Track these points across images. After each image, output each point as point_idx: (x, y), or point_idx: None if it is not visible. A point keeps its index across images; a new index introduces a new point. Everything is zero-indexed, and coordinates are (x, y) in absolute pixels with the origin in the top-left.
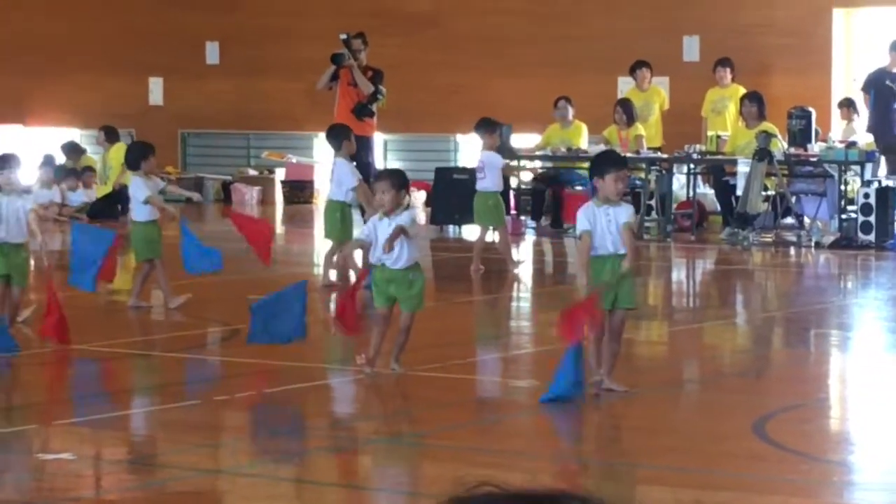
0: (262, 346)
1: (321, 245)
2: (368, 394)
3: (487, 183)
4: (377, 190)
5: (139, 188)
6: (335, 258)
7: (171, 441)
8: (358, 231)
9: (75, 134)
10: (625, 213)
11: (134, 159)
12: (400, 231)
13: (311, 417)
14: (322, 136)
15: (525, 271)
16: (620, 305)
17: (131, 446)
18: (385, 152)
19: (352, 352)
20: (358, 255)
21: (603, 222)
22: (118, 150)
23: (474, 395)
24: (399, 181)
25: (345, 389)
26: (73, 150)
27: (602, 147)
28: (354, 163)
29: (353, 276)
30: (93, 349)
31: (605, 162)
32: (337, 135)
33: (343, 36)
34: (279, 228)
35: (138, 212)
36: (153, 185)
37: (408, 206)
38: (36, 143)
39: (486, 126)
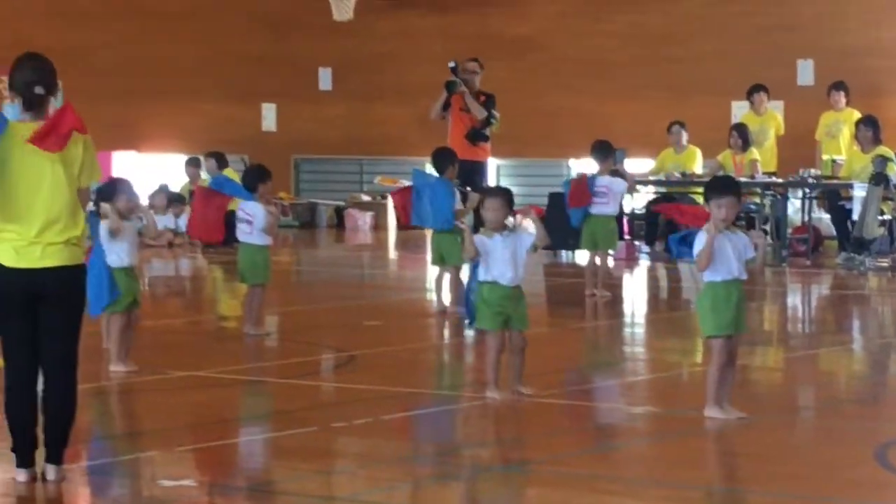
0: (377, 372)
1: (433, 271)
2: (484, 420)
3: (608, 208)
4: (488, 208)
5: (259, 212)
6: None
7: (289, 468)
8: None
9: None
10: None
11: (251, 182)
12: (534, 247)
13: (429, 444)
14: None
15: (640, 297)
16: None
17: (250, 473)
18: (497, 177)
19: (465, 378)
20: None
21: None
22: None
23: (592, 422)
24: (509, 199)
25: (461, 416)
26: (196, 164)
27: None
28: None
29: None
30: (208, 375)
31: (720, 187)
32: (444, 159)
33: (451, 64)
34: (392, 254)
35: (253, 236)
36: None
37: (514, 227)
38: (149, 170)
39: (603, 150)
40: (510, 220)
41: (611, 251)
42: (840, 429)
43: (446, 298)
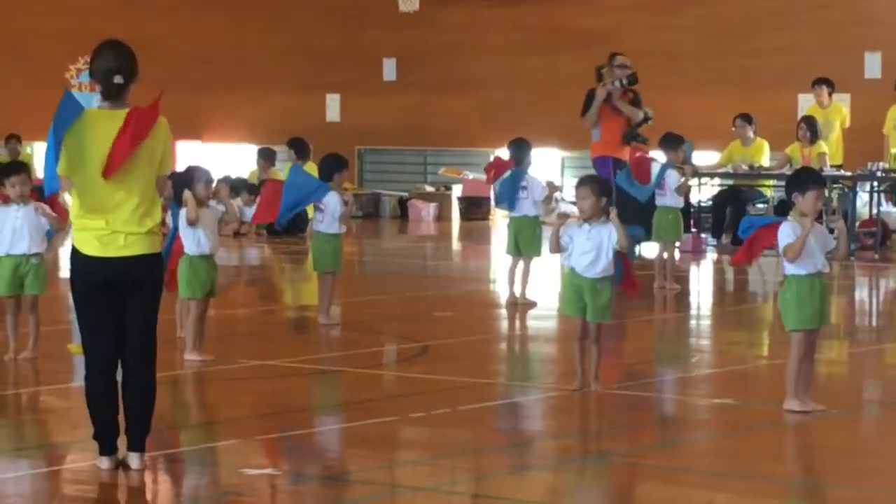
0: (452, 363)
1: (497, 261)
2: (562, 412)
3: (668, 199)
4: (578, 196)
5: (332, 201)
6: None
7: (369, 458)
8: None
9: (251, 150)
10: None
11: (327, 171)
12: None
13: (508, 435)
14: (499, 152)
15: (706, 289)
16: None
17: (331, 462)
18: (562, 169)
19: (542, 369)
20: None
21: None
22: (310, 169)
23: (670, 414)
24: (601, 188)
25: (538, 407)
26: (268, 156)
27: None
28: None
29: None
30: (282, 364)
31: (806, 179)
32: (523, 147)
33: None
34: (455, 245)
35: (324, 224)
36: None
37: (608, 216)
38: (213, 159)
39: (671, 141)
40: (557, 196)
41: (676, 243)
42: None
43: (517, 289)
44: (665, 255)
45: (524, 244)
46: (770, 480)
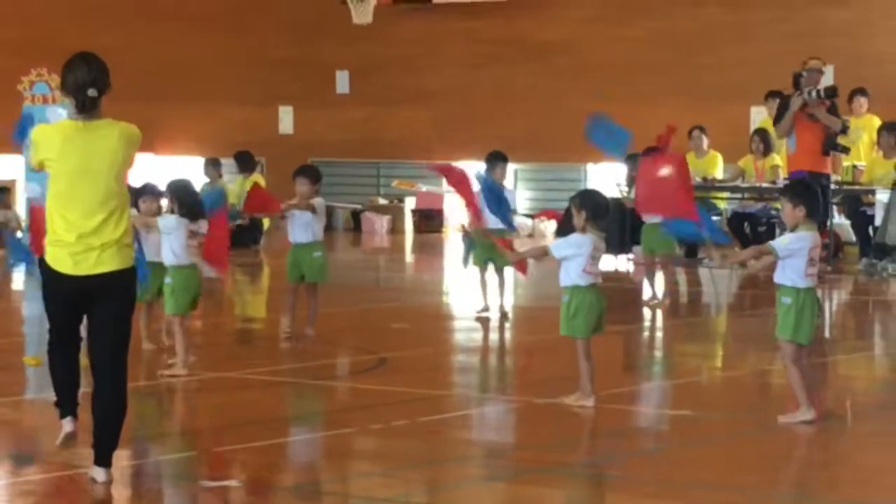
0: (409, 375)
1: (449, 275)
2: (519, 423)
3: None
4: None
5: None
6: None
7: (328, 469)
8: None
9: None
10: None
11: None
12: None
13: (468, 446)
14: (453, 164)
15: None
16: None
17: (293, 473)
18: (515, 181)
19: (500, 381)
20: None
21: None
22: (258, 181)
23: (632, 425)
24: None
25: (497, 419)
26: (213, 165)
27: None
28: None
29: None
30: (242, 377)
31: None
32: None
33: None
34: (409, 257)
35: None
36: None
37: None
38: (166, 172)
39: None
40: (529, 223)
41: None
42: (879, 433)
43: (492, 300)
44: (659, 268)
45: (497, 255)
46: (729, 490)
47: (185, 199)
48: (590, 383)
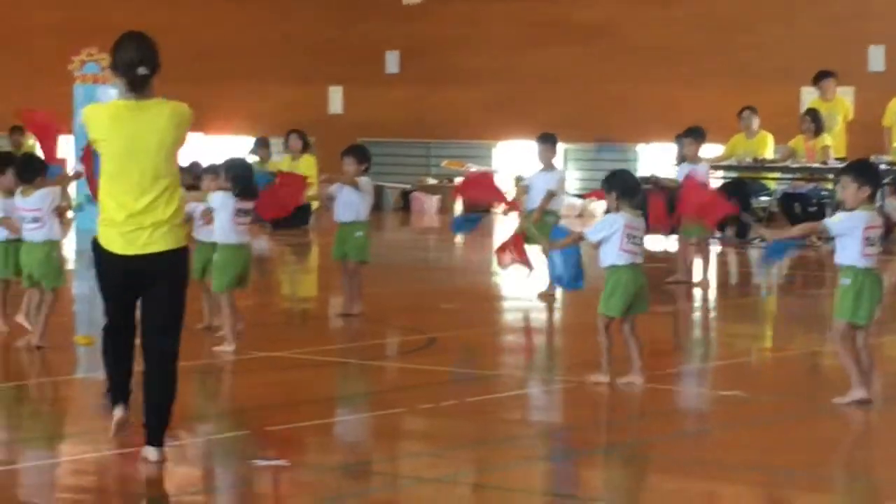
0: (459, 355)
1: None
2: (569, 404)
3: None
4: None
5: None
6: None
7: (381, 449)
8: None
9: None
10: None
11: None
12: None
13: (515, 427)
14: (501, 144)
15: (710, 282)
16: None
17: (343, 453)
18: (565, 161)
19: (550, 361)
20: None
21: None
22: (308, 163)
23: (681, 405)
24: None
25: (546, 399)
26: (263, 144)
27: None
28: None
29: None
30: (293, 356)
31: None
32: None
33: None
34: (458, 238)
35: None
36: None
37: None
38: (215, 152)
39: (695, 134)
40: (579, 204)
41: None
42: None
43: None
44: (694, 250)
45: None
46: (778, 472)
47: (239, 178)
48: (608, 360)
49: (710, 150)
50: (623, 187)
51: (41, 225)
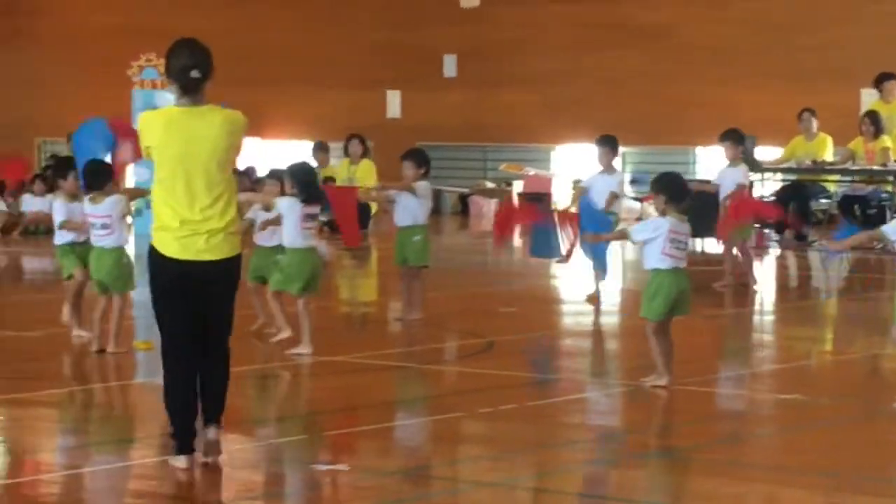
0: (518, 358)
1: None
2: (628, 407)
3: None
4: None
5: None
6: None
7: (440, 453)
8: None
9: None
10: None
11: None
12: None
13: (574, 431)
14: (559, 148)
15: (768, 285)
16: None
17: (402, 457)
18: (623, 164)
19: (609, 365)
20: None
21: None
22: (367, 167)
23: (735, 409)
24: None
25: (605, 403)
26: (321, 148)
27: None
28: None
29: None
30: (352, 361)
31: None
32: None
33: None
34: (517, 240)
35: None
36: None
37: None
38: (273, 156)
39: (733, 137)
40: (638, 206)
41: (746, 239)
42: None
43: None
44: (735, 252)
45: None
46: (839, 476)
47: (304, 183)
48: (664, 362)
49: (770, 152)
50: (671, 191)
51: (111, 231)
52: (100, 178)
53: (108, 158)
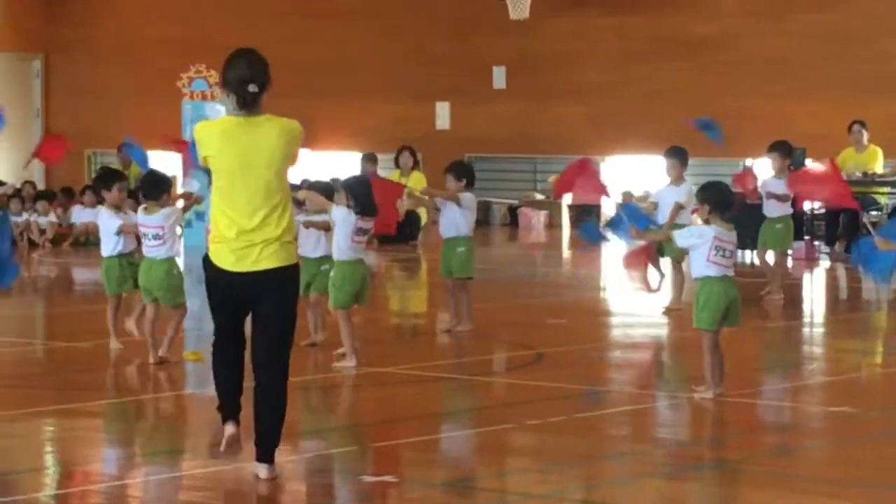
0: (566, 370)
1: (608, 269)
2: (677, 420)
3: (770, 208)
4: None
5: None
6: None
7: (488, 465)
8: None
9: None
10: None
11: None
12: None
13: (623, 443)
14: (609, 160)
15: (818, 298)
16: None
17: (450, 469)
18: None
19: (657, 377)
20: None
21: None
22: (418, 179)
23: (785, 422)
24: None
25: (654, 415)
26: (370, 159)
27: None
28: None
29: None
30: (400, 372)
31: None
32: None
33: None
34: (565, 252)
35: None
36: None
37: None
38: (322, 167)
39: (781, 149)
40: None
41: (783, 251)
42: None
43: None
44: (771, 262)
45: (672, 250)
46: (889, 489)
47: (361, 196)
48: (711, 376)
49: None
50: (715, 201)
51: (163, 242)
52: (157, 189)
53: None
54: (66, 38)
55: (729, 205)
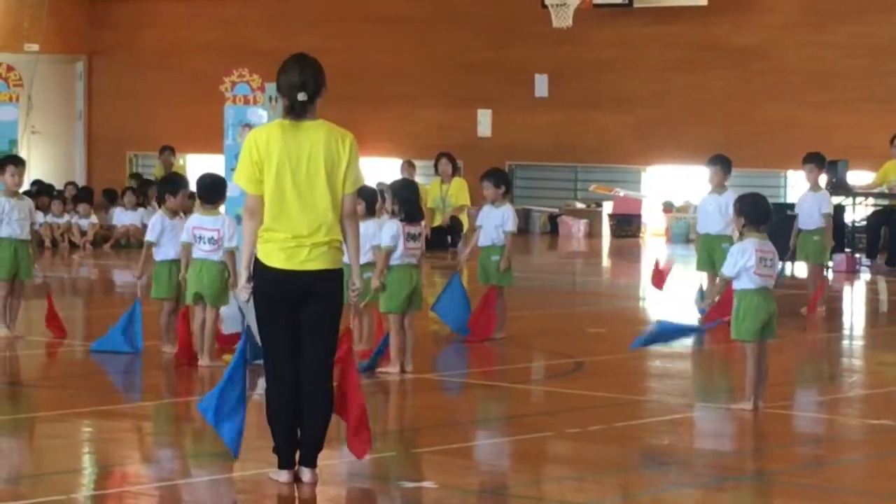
0: (606, 379)
1: (646, 280)
2: (716, 430)
3: (805, 220)
4: None
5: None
6: None
7: (524, 472)
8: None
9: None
10: None
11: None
12: None
13: (662, 453)
14: (650, 169)
15: (859, 310)
16: None
17: (488, 476)
18: None
19: (696, 387)
20: None
21: None
22: (459, 185)
23: (824, 434)
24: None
25: (693, 425)
26: (410, 166)
27: None
28: None
29: None
30: (440, 379)
31: None
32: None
33: None
34: (605, 261)
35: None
36: None
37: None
38: (365, 174)
39: (816, 160)
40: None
41: (823, 263)
42: None
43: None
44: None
45: (718, 260)
46: None
47: (406, 200)
48: (752, 388)
49: (862, 177)
50: (751, 213)
51: (217, 247)
52: (215, 193)
53: None
54: (109, 42)
55: (765, 217)
